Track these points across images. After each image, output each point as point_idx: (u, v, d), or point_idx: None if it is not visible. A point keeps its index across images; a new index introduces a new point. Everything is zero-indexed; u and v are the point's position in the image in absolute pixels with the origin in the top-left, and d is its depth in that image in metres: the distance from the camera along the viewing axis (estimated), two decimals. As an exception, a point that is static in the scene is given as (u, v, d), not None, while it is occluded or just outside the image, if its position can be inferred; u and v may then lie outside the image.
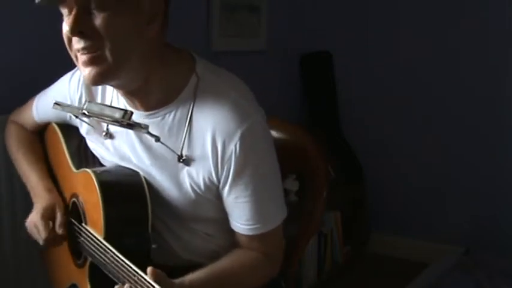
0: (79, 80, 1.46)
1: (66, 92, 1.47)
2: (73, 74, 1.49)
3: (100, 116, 1.24)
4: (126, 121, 1.20)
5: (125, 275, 1.17)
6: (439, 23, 3.32)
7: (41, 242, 1.43)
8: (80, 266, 1.43)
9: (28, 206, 1.91)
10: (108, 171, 1.39)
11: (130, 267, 1.15)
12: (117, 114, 1.20)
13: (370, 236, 3.61)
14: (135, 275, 1.13)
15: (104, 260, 1.26)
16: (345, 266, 3.29)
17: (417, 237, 3.48)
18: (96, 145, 1.46)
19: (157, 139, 1.27)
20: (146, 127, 1.24)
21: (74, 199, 1.45)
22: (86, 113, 1.25)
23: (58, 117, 1.55)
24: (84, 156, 1.49)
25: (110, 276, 1.24)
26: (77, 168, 1.46)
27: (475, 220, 3.32)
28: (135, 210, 1.32)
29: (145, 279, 1.09)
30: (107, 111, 1.23)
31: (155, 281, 1.07)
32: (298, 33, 3.51)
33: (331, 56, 3.59)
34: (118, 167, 1.39)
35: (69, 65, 1.75)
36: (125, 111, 1.21)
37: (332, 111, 3.61)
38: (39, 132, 1.65)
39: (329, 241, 3.18)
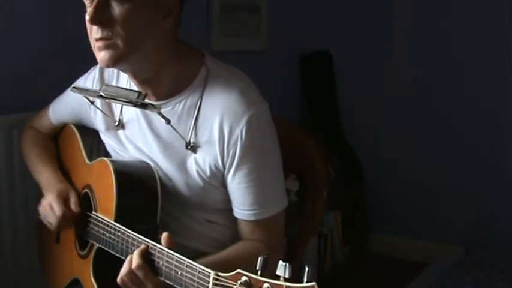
0: (94, 77, 1.52)
1: None
2: (88, 74, 1.55)
3: (116, 97, 1.30)
4: (140, 101, 1.26)
5: (134, 248, 1.22)
6: (439, 23, 3.32)
7: (54, 222, 1.45)
8: (84, 257, 1.45)
9: (28, 206, 1.91)
10: (123, 162, 1.45)
11: (141, 239, 1.22)
12: (132, 95, 1.27)
13: (370, 236, 3.61)
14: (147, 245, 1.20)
15: (113, 239, 1.31)
16: (345, 266, 3.29)
17: (417, 237, 3.48)
18: (109, 139, 1.51)
19: (168, 121, 1.33)
20: (159, 107, 1.30)
21: (85, 190, 1.48)
22: (103, 95, 1.32)
23: (74, 117, 1.60)
24: (97, 153, 1.54)
25: (118, 255, 1.29)
26: (91, 161, 1.51)
27: (475, 220, 3.32)
28: (146, 201, 1.36)
29: (155, 245, 1.17)
30: (123, 92, 1.30)
31: (168, 248, 1.14)
32: (298, 33, 3.51)
33: (331, 56, 3.59)
34: (132, 159, 1.45)
35: (68, 67, 1.76)
36: (139, 92, 1.28)
37: (332, 111, 3.61)
38: (54, 137, 1.71)
39: (329, 241, 3.18)
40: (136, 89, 1.39)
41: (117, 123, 1.47)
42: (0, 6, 1.92)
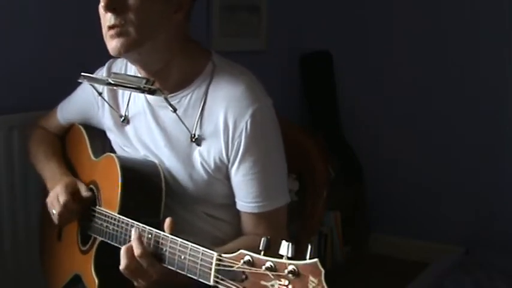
0: (102, 76, 1.53)
1: (90, 90, 1.52)
2: (96, 73, 1.57)
3: (124, 84, 1.33)
4: (148, 86, 1.29)
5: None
6: (439, 23, 3.32)
7: (58, 212, 1.45)
8: (86, 252, 1.46)
9: (28, 207, 1.91)
10: (129, 158, 1.47)
11: (145, 227, 1.22)
12: (140, 81, 1.30)
13: (370, 236, 3.61)
14: (150, 232, 1.20)
15: (116, 231, 1.32)
16: (345, 266, 3.29)
17: (417, 237, 3.48)
18: (115, 135, 1.53)
19: (174, 109, 1.35)
20: (166, 93, 1.33)
21: (90, 186, 1.50)
22: (111, 82, 1.34)
23: (81, 117, 1.63)
24: (103, 151, 1.55)
25: (120, 247, 1.28)
26: (97, 158, 1.53)
27: (475, 220, 3.33)
28: (150, 198, 1.38)
29: (159, 233, 1.18)
30: (130, 79, 1.34)
31: (171, 234, 1.16)
32: (298, 33, 3.51)
33: (331, 56, 3.59)
34: (138, 156, 1.47)
35: (68, 67, 1.76)
36: (147, 78, 1.31)
37: (332, 111, 3.61)
38: (61, 137, 1.72)
39: (329, 241, 3.19)
40: None
41: (123, 119, 1.49)
42: (0, 6, 1.93)
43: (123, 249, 1.20)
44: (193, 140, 1.37)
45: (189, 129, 1.37)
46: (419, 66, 3.39)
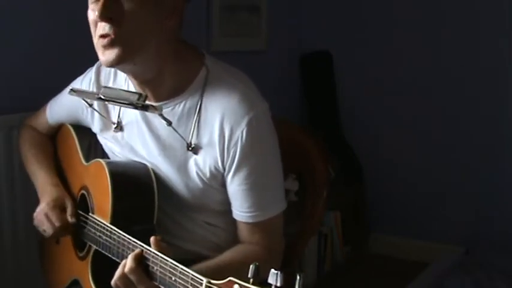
0: (90, 79, 1.50)
1: None
2: (84, 76, 1.54)
3: (116, 100, 1.28)
4: (141, 103, 1.24)
5: (130, 252, 1.22)
6: (439, 23, 3.32)
7: (50, 232, 1.45)
8: (83, 259, 1.45)
9: (28, 207, 1.91)
10: (118, 163, 1.44)
11: (136, 243, 1.21)
12: (133, 97, 1.25)
13: (370, 236, 3.61)
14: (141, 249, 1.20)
15: (110, 242, 1.30)
16: (345, 266, 3.29)
17: (417, 237, 3.48)
18: (107, 140, 1.49)
19: (169, 123, 1.31)
20: (160, 109, 1.28)
21: (82, 191, 1.48)
22: (102, 97, 1.30)
23: (70, 118, 1.59)
24: (94, 153, 1.53)
25: (114, 258, 1.29)
26: (88, 162, 1.50)
27: (475, 220, 3.32)
28: (142, 201, 1.36)
29: (150, 250, 1.17)
30: (123, 94, 1.28)
31: (159, 251, 1.14)
32: (298, 33, 3.51)
33: (331, 56, 3.59)
34: (128, 160, 1.45)
35: (68, 67, 1.76)
36: (140, 94, 1.26)
37: (332, 111, 3.61)
38: (52, 137, 1.69)
39: (329, 241, 3.18)
40: (134, 89, 1.38)
41: (115, 126, 1.46)
42: (0, 6, 1.93)
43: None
44: (190, 148, 1.34)
45: (184, 138, 1.34)
46: (419, 66, 3.39)
